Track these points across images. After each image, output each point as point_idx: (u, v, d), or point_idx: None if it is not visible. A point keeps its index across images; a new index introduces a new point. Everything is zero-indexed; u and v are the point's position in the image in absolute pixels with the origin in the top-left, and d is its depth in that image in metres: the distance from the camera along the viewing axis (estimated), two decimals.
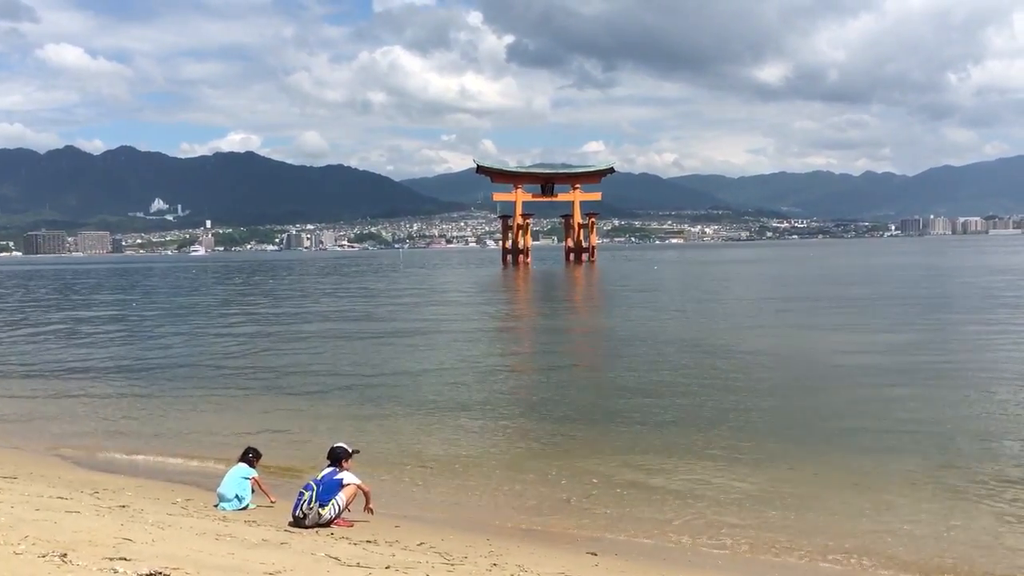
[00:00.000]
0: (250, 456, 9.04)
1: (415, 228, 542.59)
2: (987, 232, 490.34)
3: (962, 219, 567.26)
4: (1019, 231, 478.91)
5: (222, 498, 8.76)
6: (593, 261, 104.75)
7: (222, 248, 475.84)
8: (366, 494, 8.05)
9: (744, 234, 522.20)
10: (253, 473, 8.92)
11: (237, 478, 8.84)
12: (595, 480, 9.61)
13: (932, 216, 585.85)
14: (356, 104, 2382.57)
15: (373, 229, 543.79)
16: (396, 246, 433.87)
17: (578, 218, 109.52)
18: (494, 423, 12.72)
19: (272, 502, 8.81)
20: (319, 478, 8.07)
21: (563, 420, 12.87)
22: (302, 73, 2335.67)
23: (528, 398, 14.74)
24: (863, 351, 19.53)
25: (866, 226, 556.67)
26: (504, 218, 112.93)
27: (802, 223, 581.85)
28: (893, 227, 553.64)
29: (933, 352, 19.16)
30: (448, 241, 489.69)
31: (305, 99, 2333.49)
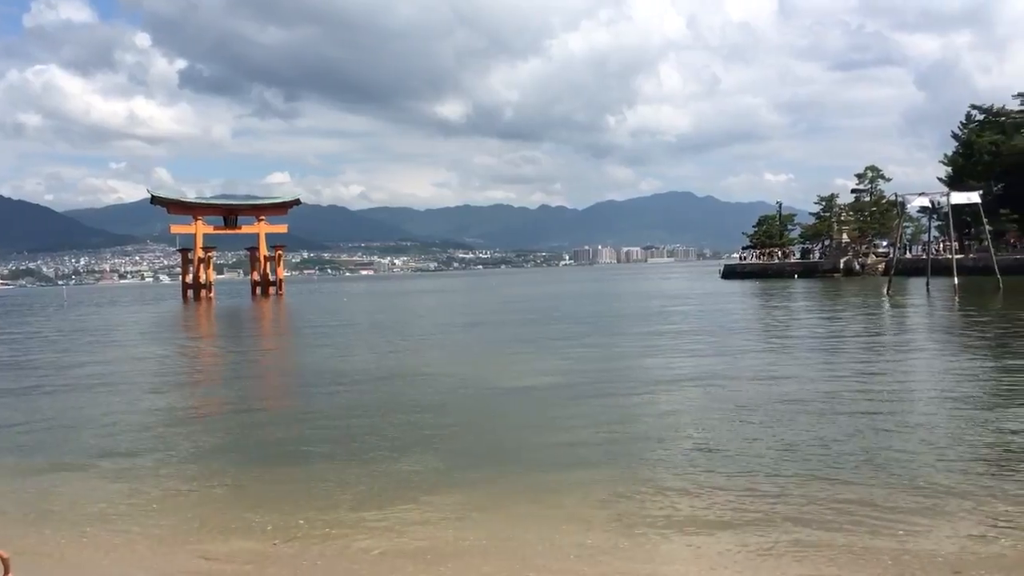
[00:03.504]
0: None
1: (82, 263, 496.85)
2: (646, 260, 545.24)
3: (625, 249, 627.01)
4: (672, 259, 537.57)
5: None
6: (281, 294, 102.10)
7: None
8: (4, 562, 6.95)
9: (433, 265, 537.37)
10: None
11: None
12: (302, 521, 9.06)
13: (600, 246, 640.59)
14: (5, 127, 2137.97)
15: (32, 264, 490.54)
16: (60, 283, 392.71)
17: (264, 251, 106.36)
18: (158, 471, 11.64)
19: None
20: None
21: (249, 463, 12.09)
22: None
23: (208, 442, 13.71)
24: (544, 373, 20.47)
25: (543, 256, 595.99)
26: (184, 251, 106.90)
27: (486, 253, 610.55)
28: (567, 256, 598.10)
29: (605, 371, 20.56)
30: (121, 276, 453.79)
31: None
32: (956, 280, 51.13)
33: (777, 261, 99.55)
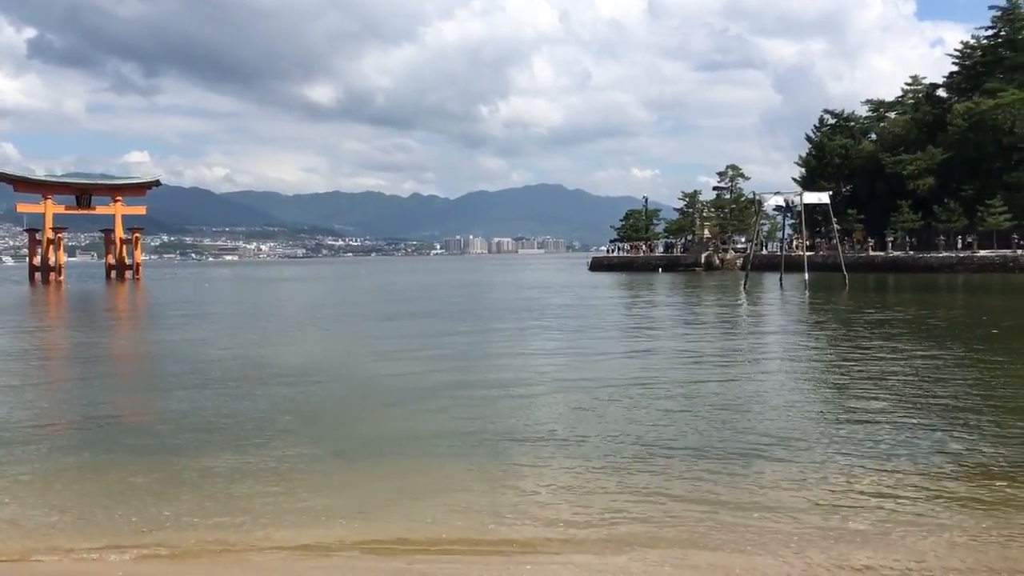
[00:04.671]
0: None
1: None
2: (517, 252, 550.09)
3: (496, 239, 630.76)
4: (543, 251, 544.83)
5: None
6: (138, 279, 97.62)
7: None
8: None
9: (301, 251, 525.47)
10: None
11: None
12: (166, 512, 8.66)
13: (471, 236, 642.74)
14: None
15: None
16: None
17: (120, 233, 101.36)
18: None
19: None
20: None
21: (105, 459, 11.49)
22: None
23: (50, 444, 12.96)
24: (410, 362, 20.36)
25: (414, 245, 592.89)
26: (31, 231, 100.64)
27: (357, 241, 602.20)
28: (438, 246, 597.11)
29: (477, 360, 20.64)
30: None
31: None
32: (807, 276, 53.96)
33: (642, 255, 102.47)
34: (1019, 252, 67.33)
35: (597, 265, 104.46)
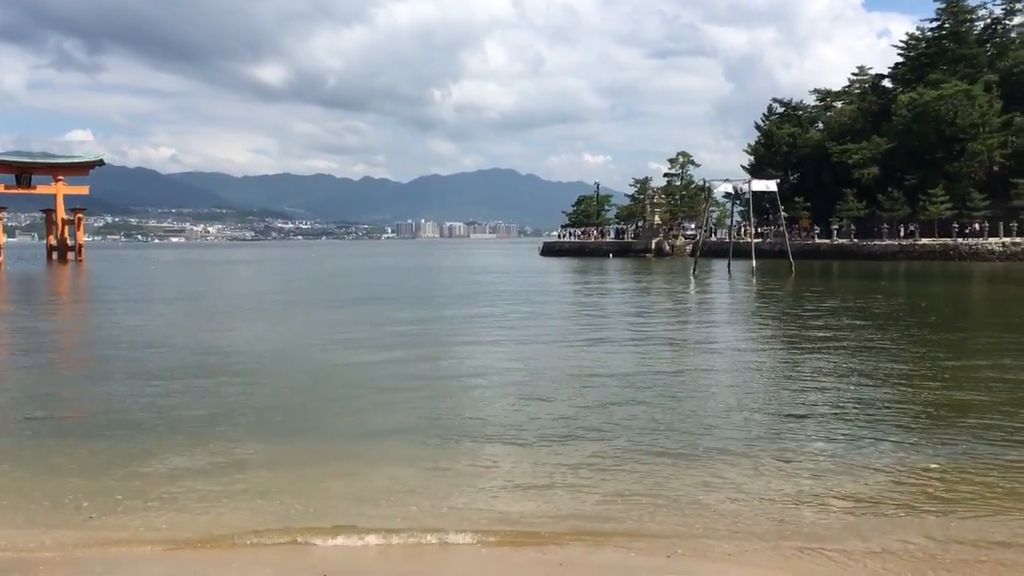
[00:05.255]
0: None
1: None
2: (469, 236, 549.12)
3: (448, 224, 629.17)
4: (494, 235, 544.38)
5: None
6: (81, 260, 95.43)
7: None
8: None
9: (249, 234, 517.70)
10: None
11: None
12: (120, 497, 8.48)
13: (423, 220, 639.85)
14: None
15: None
16: None
17: (62, 213, 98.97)
18: None
19: None
20: None
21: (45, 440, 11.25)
22: None
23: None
24: (356, 347, 20.25)
25: (365, 228, 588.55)
26: None
27: (307, 224, 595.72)
28: (390, 230, 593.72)
29: (425, 344, 20.61)
30: None
31: None
32: (755, 262, 54.78)
33: (594, 240, 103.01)
34: (959, 241, 69.04)
35: (548, 250, 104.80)
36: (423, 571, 6.91)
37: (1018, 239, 67.06)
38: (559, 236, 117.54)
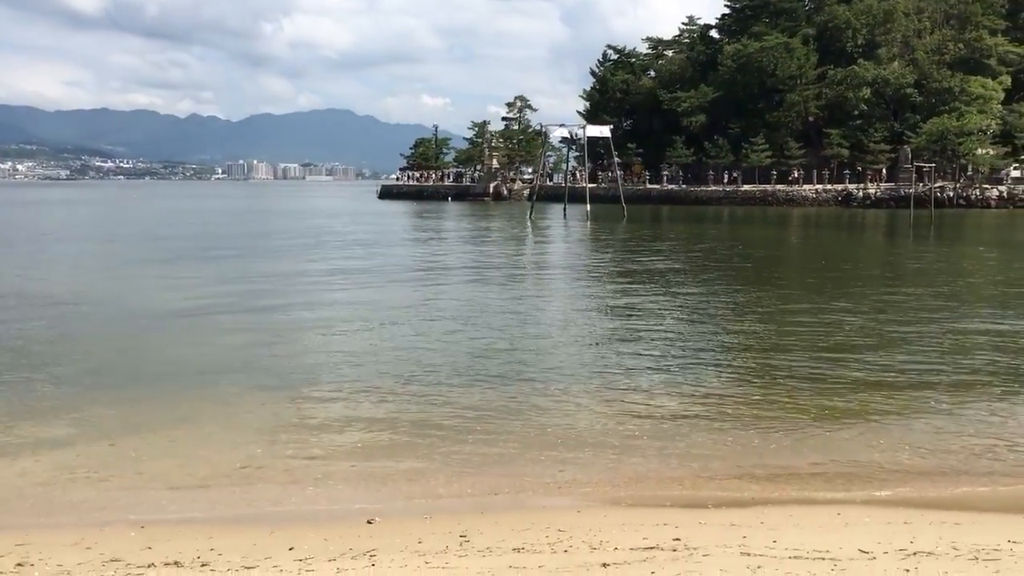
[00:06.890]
0: None
1: None
2: (304, 178, 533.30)
3: (282, 165, 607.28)
4: (331, 178, 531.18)
5: None
6: None
7: None
8: None
9: (64, 173, 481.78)
10: None
11: None
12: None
13: (255, 161, 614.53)
14: None
15: None
16: None
17: None
18: None
19: None
20: None
21: None
22: None
23: None
24: (190, 295, 19.43)
25: (193, 169, 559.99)
26: None
27: (128, 163, 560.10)
28: (220, 170, 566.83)
29: (268, 294, 19.99)
30: None
31: None
32: (588, 207, 56.15)
33: (432, 184, 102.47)
34: (777, 187, 73.25)
35: (386, 193, 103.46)
36: None
37: (829, 186, 71.89)
38: (397, 179, 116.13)
